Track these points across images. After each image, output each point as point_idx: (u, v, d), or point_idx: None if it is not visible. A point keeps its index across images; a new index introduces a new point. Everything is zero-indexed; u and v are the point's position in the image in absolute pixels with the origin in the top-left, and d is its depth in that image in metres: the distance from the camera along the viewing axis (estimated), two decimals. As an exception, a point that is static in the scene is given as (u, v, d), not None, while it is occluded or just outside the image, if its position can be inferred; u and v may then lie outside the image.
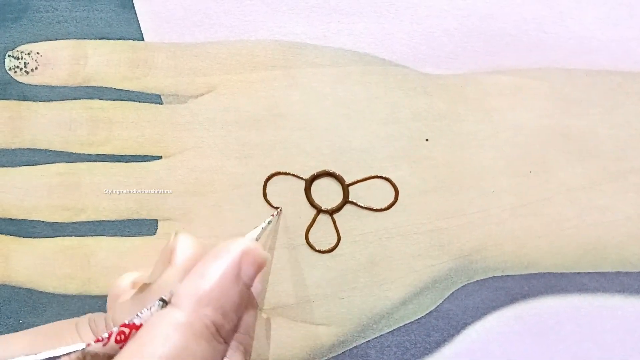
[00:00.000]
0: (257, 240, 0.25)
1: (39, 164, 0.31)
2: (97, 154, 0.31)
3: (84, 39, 0.32)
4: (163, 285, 0.22)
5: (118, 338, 0.20)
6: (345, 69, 0.31)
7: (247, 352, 0.23)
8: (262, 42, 0.31)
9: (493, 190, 0.31)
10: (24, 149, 0.31)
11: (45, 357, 0.19)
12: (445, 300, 0.31)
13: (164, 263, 0.24)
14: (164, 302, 0.21)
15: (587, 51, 0.31)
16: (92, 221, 0.31)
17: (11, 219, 0.31)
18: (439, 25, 0.31)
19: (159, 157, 0.31)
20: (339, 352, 0.30)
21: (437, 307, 0.31)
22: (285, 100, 0.31)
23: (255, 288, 0.24)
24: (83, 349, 0.19)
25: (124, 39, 0.32)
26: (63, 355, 0.19)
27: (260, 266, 0.22)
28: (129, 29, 0.32)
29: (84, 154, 0.31)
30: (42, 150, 0.31)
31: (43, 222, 0.31)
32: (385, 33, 0.31)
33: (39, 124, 0.31)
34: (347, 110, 0.31)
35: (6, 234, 0.31)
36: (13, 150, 0.31)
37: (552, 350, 0.30)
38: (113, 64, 0.31)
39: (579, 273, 0.31)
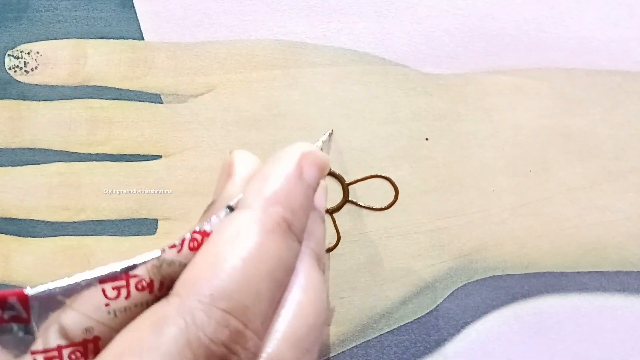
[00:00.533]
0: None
1: (39, 164, 0.31)
2: (97, 154, 0.31)
3: (84, 38, 0.32)
4: (227, 198, 0.22)
5: (191, 245, 0.20)
6: (345, 68, 0.31)
7: (320, 261, 0.22)
8: (262, 42, 0.31)
9: (493, 189, 0.31)
10: (23, 149, 0.31)
11: (123, 266, 0.19)
12: (445, 299, 0.31)
13: (224, 179, 0.23)
14: (231, 209, 0.21)
15: (587, 51, 0.31)
16: (92, 221, 0.31)
17: (11, 219, 0.31)
18: (439, 25, 0.31)
19: (159, 157, 0.31)
20: (339, 352, 0.30)
21: (437, 307, 0.31)
22: (285, 99, 0.31)
23: (319, 198, 0.24)
24: (159, 256, 0.19)
25: (124, 39, 0.32)
26: (140, 263, 0.19)
27: (321, 167, 0.22)
28: (128, 28, 0.32)
29: (83, 153, 0.31)
30: (41, 149, 0.31)
31: (43, 221, 0.31)
32: (385, 33, 0.31)
33: (38, 123, 0.31)
34: (347, 109, 0.31)
35: (6, 234, 0.31)
36: (13, 149, 0.31)
37: (552, 350, 0.30)
38: (113, 63, 0.31)
39: (579, 272, 0.31)
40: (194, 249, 0.20)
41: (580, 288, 0.31)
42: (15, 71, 0.31)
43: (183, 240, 0.20)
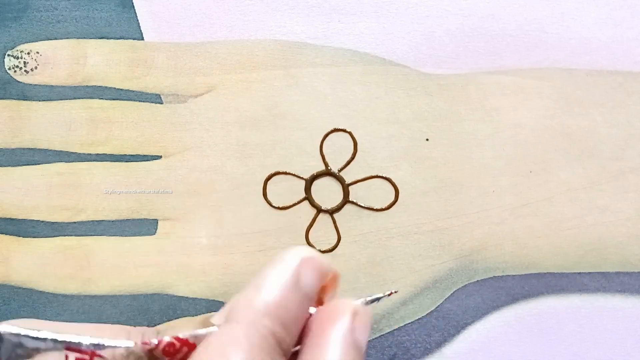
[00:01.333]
0: (365, 304, 0.22)
1: (39, 164, 0.31)
2: (97, 154, 0.31)
3: (84, 38, 0.32)
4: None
5: (166, 349, 0.20)
6: (345, 68, 0.31)
7: None
8: (262, 42, 0.31)
9: (493, 190, 0.31)
10: (23, 149, 0.31)
11: (91, 342, 0.19)
12: (445, 300, 0.31)
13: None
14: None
15: (588, 51, 0.31)
16: (91, 221, 0.31)
17: (11, 219, 0.31)
18: (439, 25, 0.31)
19: (159, 157, 0.31)
20: (339, 352, 0.30)
21: (437, 307, 0.31)
22: (286, 100, 0.31)
23: (361, 335, 0.21)
24: (129, 346, 0.19)
25: (124, 39, 0.32)
26: (109, 346, 0.19)
27: (322, 275, 0.21)
28: (128, 28, 0.32)
29: (83, 153, 0.31)
30: (41, 150, 0.31)
31: (43, 222, 0.31)
32: (385, 33, 0.31)
33: (38, 123, 0.31)
34: (347, 110, 0.31)
35: (6, 234, 0.31)
36: (13, 149, 0.31)
37: (553, 350, 0.30)
38: (113, 63, 0.31)
39: (579, 273, 0.31)
40: (168, 353, 0.20)
41: (580, 289, 0.31)
42: (15, 71, 0.31)
43: (160, 341, 0.19)
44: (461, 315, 0.31)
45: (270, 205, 0.31)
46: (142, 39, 0.32)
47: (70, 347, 0.19)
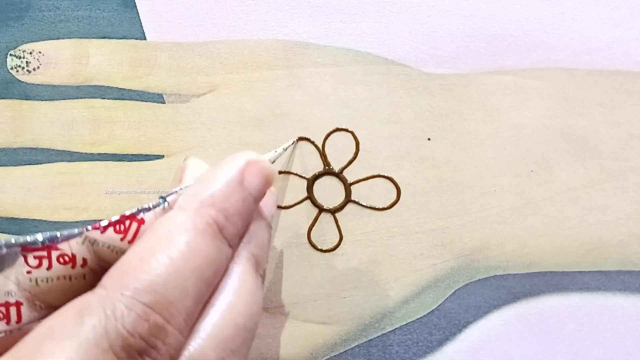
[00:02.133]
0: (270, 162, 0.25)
1: (41, 163, 0.31)
2: (99, 153, 0.31)
3: (86, 38, 0.32)
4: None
5: (117, 228, 0.20)
6: (347, 68, 0.31)
7: (259, 266, 0.23)
8: (264, 42, 0.31)
9: (495, 189, 0.31)
10: (25, 148, 0.31)
11: (44, 237, 0.19)
12: (447, 299, 0.31)
13: (174, 184, 0.24)
14: (164, 200, 0.21)
15: (589, 51, 0.31)
16: (94, 220, 0.31)
17: (13, 219, 0.31)
18: (441, 25, 0.31)
19: (161, 157, 0.31)
20: (341, 351, 0.31)
21: (439, 306, 0.31)
22: (288, 99, 0.31)
23: (268, 206, 0.24)
24: (81, 232, 0.20)
25: (126, 38, 0.32)
26: (62, 237, 0.19)
27: (266, 178, 0.22)
28: (131, 28, 0.32)
29: (85, 153, 0.31)
30: (44, 149, 0.31)
31: (45, 221, 0.31)
32: (387, 33, 0.31)
33: (41, 123, 0.31)
34: (349, 109, 0.31)
35: (8, 234, 0.31)
36: (15, 149, 0.31)
37: (554, 349, 0.31)
38: (115, 63, 0.31)
39: (580, 272, 0.31)
40: (121, 232, 0.20)
41: (581, 287, 0.31)
42: (17, 71, 0.31)
43: (110, 223, 0.20)
44: (462, 314, 0.31)
45: (273, 204, 0.31)
46: (144, 38, 0.32)
47: (26, 247, 0.19)
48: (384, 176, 0.31)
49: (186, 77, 0.31)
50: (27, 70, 0.31)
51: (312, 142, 0.31)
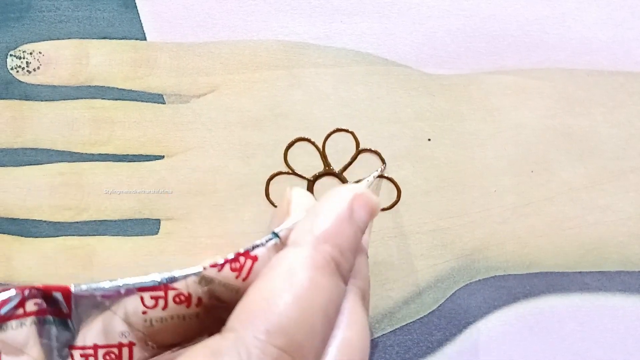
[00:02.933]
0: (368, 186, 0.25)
1: (41, 164, 0.31)
2: (100, 154, 0.31)
3: (86, 38, 0.32)
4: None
5: (233, 266, 0.20)
6: (347, 69, 0.31)
7: (365, 299, 0.22)
8: (265, 42, 0.31)
9: (495, 189, 0.31)
10: (26, 149, 0.31)
11: (164, 277, 0.19)
12: (447, 299, 0.31)
13: (281, 216, 0.23)
14: (276, 235, 0.21)
15: (589, 51, 0.31)
16: (94, 221, 0.31)
17: (13, 219, 0.31)
18: (441, 26, 0.31)
19: (162, 157, 0.31)
20: (342, 352, 0.31)
21: (439, 306, 0.31)
22: (288, 100, 0.31)
23: (364, 239, 0.24)
24: (199, 272, 0.19)
25: (127, 39, 0.32)
26: (180, 276, 0.19)
27: (372, 211, 0.22)
28: (131, 28, 0.32)
29: (86, 153, 0.31)
30: (44, 149, 0.31)
31: (45, 221, 0.31)
32: (387, 33, 0.31)
33: (41, 123, 0.31)
34: (349, 110, 0.31)
35: (8, 234, 0.31)
36: (15, 149, 0.31)
37: (554, 349, 0.31)
38: (115, 63, 0.31)
39: (580, 272, 0.31)
40: (236, 269, 0.20)
41: (581, 288, 0.31)
42: (17, 71, 0.31)
43: (226, 261, 0.20)
44: (463, 314, 0.31)
45: (273, 205, 0.31)
46: (145, 39, 0.32)
47: (143, 288, 0.19)
48: (384, 176, 0.31)
49: (186, 78, 0.31)
50: (28, 71, 0.31)
51: (313, 143, 0.31)
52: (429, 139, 0.31)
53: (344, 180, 0.31)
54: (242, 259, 0.20)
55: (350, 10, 0.31)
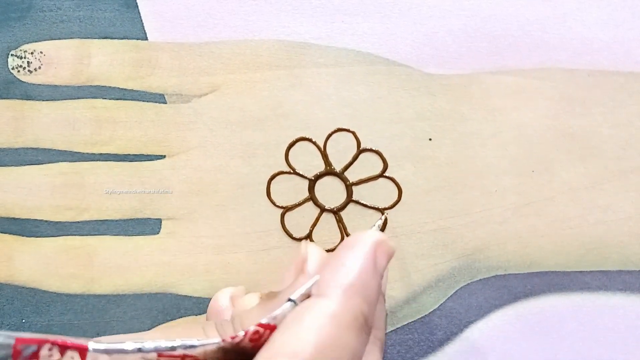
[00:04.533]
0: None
1: (42, 164, 0.31)
2: (101, 154, 0.31)
3: (88, 38, 0.32)
4: (294, 292, 0.22)
5: (253, 337, 0.20)
6: (348, 68, 0.31)
7: (381, 349, 0.22)
8: (266, 42, 0.31)
9: (496, 189, 0.31)
10: (27, 149, 0.31)
11: (182, 344, 0.19)
12: (448, 298, 0.31)
13: (295, 272, 0.23)
14: (293, 302, 0.20)
15: (590, 52, 0.31)
16: (95, 220, 0.31)
17: (14, 219, 0.31)
18: (442, 26, 0.31)
19: (163, 157, 0.31)
20: (343, 351, 0.31)
21: (440, 306, 0.31)
22: (289, 100, 0.31)
23: (383, 283, 0.23)
24: (218, 342, 0.19)
25: (128, 39, 0.32)
26: (199, 345, 0.19)
27: (390, 257, 0.22)
28: (132, 28, 0.32)
29: (87, 153, 0.31)
30: (45, 149, 0.31)
31: (46, 221, 0.31)
32: (388, 33, 0.31)
33: (42, 123, 0.31)
34: (350, 110, 0.31)
35: (9, 234, 0.31)
36: (16, 149, 0.31)
37: (555, 349, 0.31)
38: (117, 63, 0.31)
39: (581, 272, 0.31)
40: (255, 340, 0.20)
41: (582, 287, 0.31)
42: (18, 71, 0.31)
43: (246, 333, 0.20)
44: (464, 313, 0.31)
45: (274, 204, 0.31)
46: (146, 39, 0.32)
47: (161, 353, 0.19)
48: (385, 176, 0.31)
49: (188, 78, 0.31)
50: (29, 71, 0.31)
51: (314, 142, 0.31)
52: (430, 139, 0.31)
53: (345, 180, 0.31)
54: (261, 329, 0.20)
55: (352, 10, 0.32)
